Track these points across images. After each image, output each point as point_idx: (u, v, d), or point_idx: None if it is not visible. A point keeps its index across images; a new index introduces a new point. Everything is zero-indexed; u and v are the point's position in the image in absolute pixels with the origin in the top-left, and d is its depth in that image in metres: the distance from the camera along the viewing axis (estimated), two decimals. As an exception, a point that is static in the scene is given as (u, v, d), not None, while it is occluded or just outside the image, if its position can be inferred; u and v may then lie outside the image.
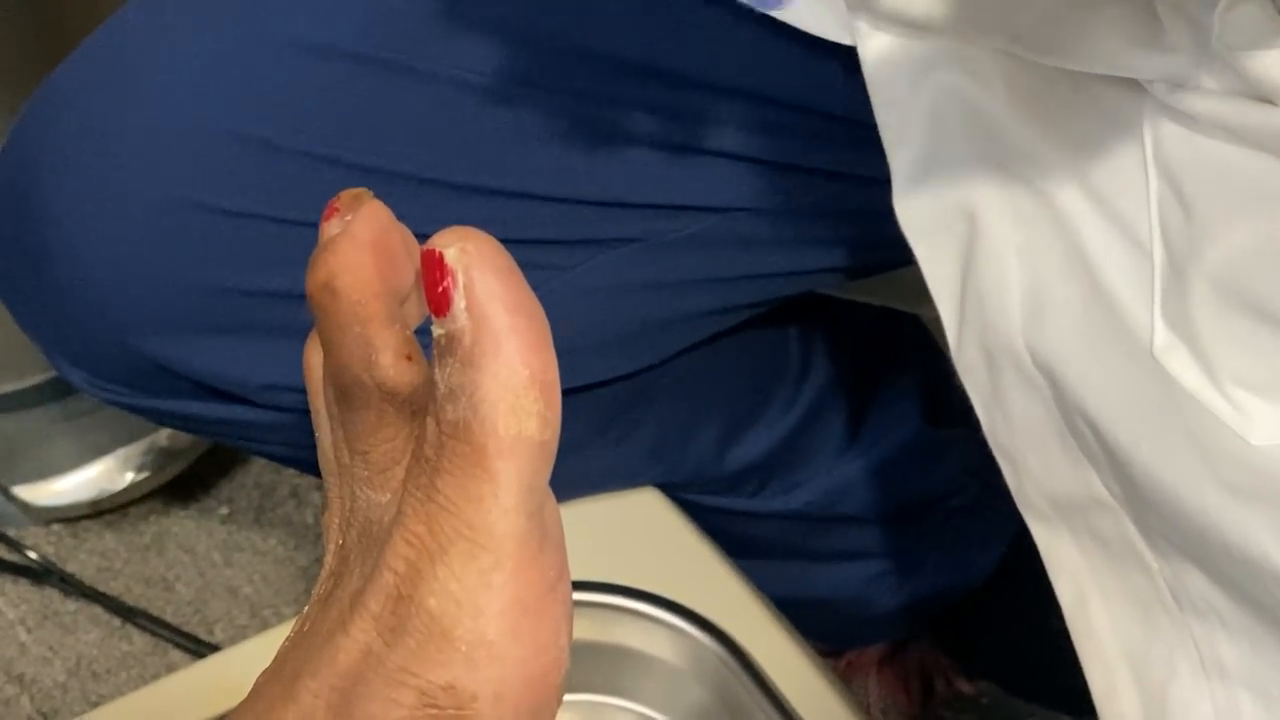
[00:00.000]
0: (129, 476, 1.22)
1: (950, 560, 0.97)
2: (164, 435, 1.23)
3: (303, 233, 0.65)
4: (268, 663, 0.40)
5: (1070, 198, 0.53)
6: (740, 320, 0.78)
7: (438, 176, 0.65)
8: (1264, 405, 0.48)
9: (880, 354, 0.93)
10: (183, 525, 1.27)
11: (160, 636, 1.19)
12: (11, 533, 1.24)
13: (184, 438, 1.24)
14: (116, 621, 1.20)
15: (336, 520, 0.40)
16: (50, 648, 1.19)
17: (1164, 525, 0.51)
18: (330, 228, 0.38)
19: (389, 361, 0.37)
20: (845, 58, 0.61)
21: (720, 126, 0.67)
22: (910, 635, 1.08)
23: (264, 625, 1.21)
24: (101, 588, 1.21)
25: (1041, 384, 0.55)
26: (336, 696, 0.37)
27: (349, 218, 0.37)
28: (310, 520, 1.28)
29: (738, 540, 0.82)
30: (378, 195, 0.38)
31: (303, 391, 0.68)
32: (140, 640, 1.20)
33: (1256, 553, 0.47)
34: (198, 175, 0.64)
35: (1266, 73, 0.46)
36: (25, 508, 1.22)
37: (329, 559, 0.40)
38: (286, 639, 0.40)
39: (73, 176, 0.65)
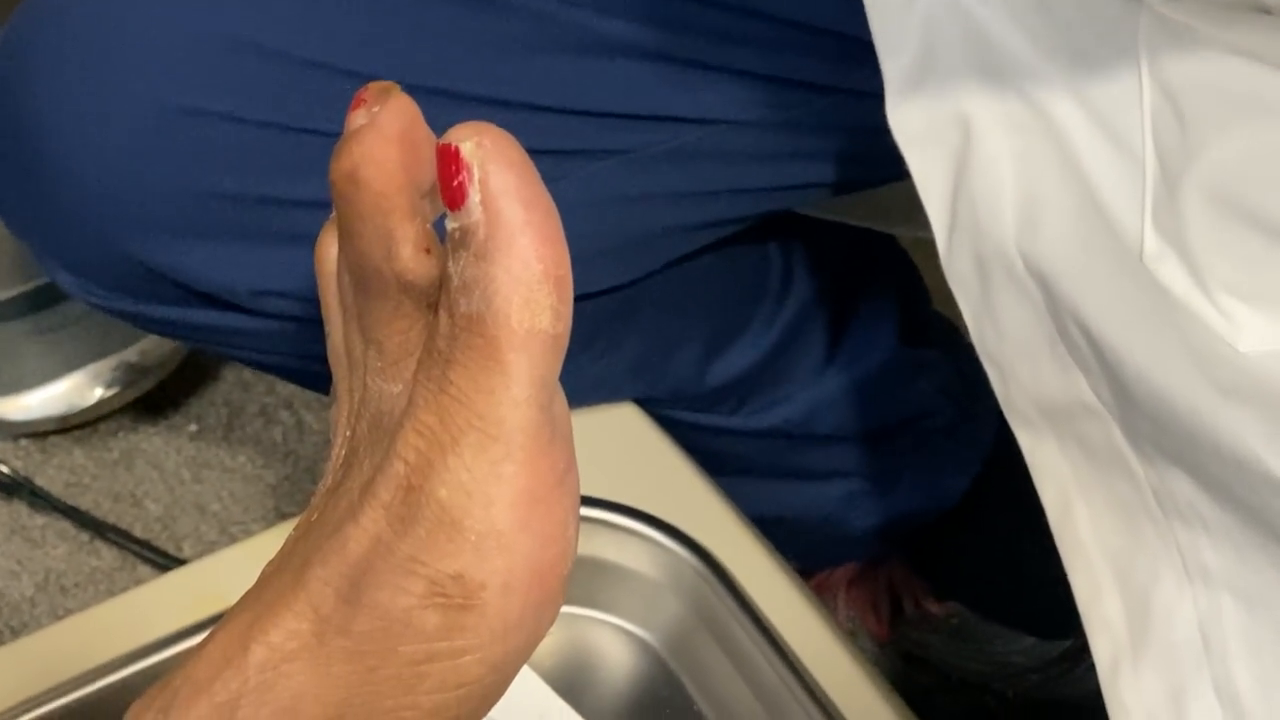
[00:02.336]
0: (98, 392, 1.22)
1: (924, 481, 0.97)
2: (134, 351, 1.22)
3: (296, 138, 0.65)
4: (236, 576, 0.40)
5: (1064, 108, 0.53)
6: (726, 234, 0.78)
7: (427, 83, 0.65)
8: (1252, 313, 0.48)
9: (859, 274, 0.93)
10: (151, 442, 1.27)
11: (129, 551, 1.19)
12: (-21, 446, 1.24)
13: (154, 354, 1.23)
14: (85, 536, 1.20)
15: (345, 413, 0.41)
16: (18, 561, 1.19)
17: (1153, 430, 0.52)
18: (356, 118, 0.38)
19: (409, 254, 0.37)
20: None
21: (710, 39, 0.67)
22: (881, 556, 1.09)
23: (232, 541, 1.20)
24: (70, 503, 1.21)
25: (1033, 289, 0.55)
26: (346, 584, 0.37)
27: (376, 109, 0.37)
28: (279, 438, 1.28)
29: (715, 457, 0.83)
30: None
31: (292, 298, 0.69)
32: (109, 555, 1.19)
33: (1246, 454, 0.47)
34: (191, 79, 0.64)
35: None
36: (-7, 421, 1.22)
37: (336, 450, 0.41)
38: (294, 529, 0.40)
39: (65, 79, 0.64)
